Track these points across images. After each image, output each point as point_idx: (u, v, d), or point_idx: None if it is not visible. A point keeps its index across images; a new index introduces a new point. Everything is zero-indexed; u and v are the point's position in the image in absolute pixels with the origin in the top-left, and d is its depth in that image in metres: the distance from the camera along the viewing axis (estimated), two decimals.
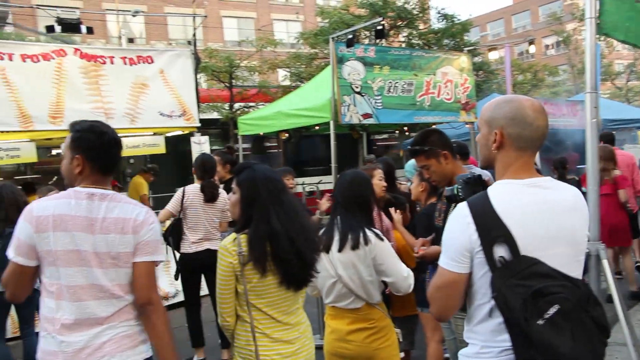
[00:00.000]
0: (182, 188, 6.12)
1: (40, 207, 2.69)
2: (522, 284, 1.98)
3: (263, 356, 2.88)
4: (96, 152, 2.80)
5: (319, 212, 5.88)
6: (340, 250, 3.55)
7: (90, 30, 8.11)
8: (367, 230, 3.56)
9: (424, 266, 4.29)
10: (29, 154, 7.69)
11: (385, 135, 20.17)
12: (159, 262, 2.84)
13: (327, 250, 3.58)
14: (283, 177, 3.69)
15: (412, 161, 11.01)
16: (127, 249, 2.71)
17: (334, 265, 3.56)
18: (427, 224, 4.27)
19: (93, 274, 2.65)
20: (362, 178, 3.83)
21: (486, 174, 3.10)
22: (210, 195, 5.94)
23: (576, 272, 2.15)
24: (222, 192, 6.11)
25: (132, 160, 10.84)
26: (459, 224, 2.12)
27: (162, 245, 2.96)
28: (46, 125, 7.68)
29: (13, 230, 2.71)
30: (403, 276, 3.58)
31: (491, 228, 2.05)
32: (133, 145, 8.67)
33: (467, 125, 12.04)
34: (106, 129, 2.89)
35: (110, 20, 26.22)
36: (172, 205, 5.93)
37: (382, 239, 3.58)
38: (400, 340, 3.87)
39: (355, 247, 3.50)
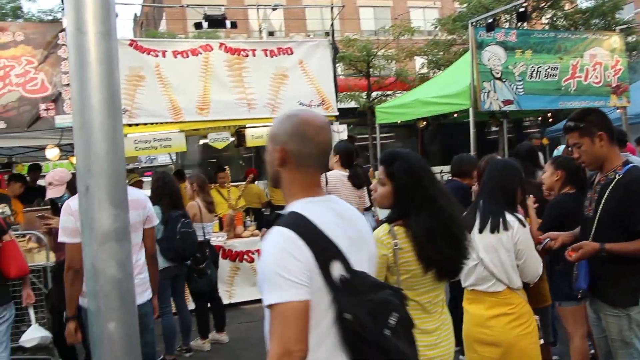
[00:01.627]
0: (324, 174, 6.19)
1: None
2: (367, 299, 1.89)
3: None
4: None
5: None
6: (480, 231, 3.51)
7: (234, 25, 8.41)
8: (508, 215, 3.49)
9: (558, 257, 4.04)
10: (179, 144, 8.10)
11: (526, 123, 19.29)
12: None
13: (469, 231, 3.47)
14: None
15: (561, 148, 10.44)
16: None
17: (476, 247, 3.45)
18: (555, 215, 4.17)
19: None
20: (513, 167, 3.76)
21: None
22: (360, 182, 5.99)
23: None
24: None
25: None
26: (289, 249, 1.83)
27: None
28: (194, 116, 8.06)
29: (178, 213, 3.28)
30: (536, 262, 3.53)
31: (324, 247, 1.88)
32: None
33: (618, 110, 11.13)
34: None
35: (252, 18, 27.05)
36: None
37: (524, 225, 3.51)
38: (540, 327, 3.71)
39: (494, 230, 3.45)
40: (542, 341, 3.92)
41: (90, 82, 1.42)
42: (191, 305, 6.44)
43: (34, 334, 4.76)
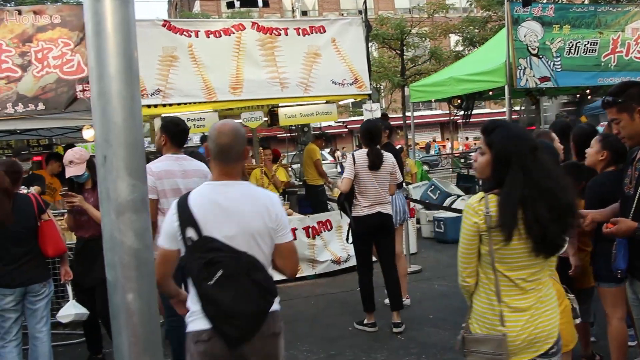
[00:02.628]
0: (351, 153, 6.11)
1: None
2: (201, 256, 2.72)
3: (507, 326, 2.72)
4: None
5: None
6: None
7: (265, 4, 8.33)
8: None
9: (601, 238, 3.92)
10: (213, 123, 8.06)
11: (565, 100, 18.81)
12: None
13: None
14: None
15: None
16: None
17: None
18: (593, 196, 4.02)
19: None
20: (550, 148, 3.68)
21: None
22: (373, 163, 5.84)
23: (246, 247, 2.78)
24: (388, 156, 6.00)
25: (306, 129, 11.09)
26: (169, 216, 2.86)
27: None
28: (227, 95, 8.05)
29: None
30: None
31: (183, 215, 2.79)
32: (307, 114, 8.81)
33: None
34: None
35: None
36: (348, 172, 5.91)
37: None
38: (575, 306, 3.63)
39: None
40: (578, 321, 3.82)
41: (107, 50, 1.39)
42: None
43: (70, 311, 4.83)
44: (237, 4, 8.14)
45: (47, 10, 7.73)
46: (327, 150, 25.03)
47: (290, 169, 12.26)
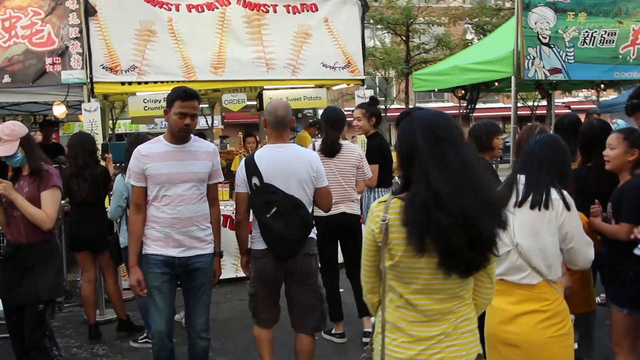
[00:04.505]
0: (311, 143, 5.50)
1: None
2: (262, 197, 3.85)
3: (388, 356, 2.22)
4: None
5: None
6: (519, 205, 2.96)
7: None
8: (554, 192, 2.93)
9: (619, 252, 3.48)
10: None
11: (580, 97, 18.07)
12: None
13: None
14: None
15: (621, 123, 9.44)
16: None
17: (510, 230, 2.84)
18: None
19: None
20: (559, 145, 3.14)
21: None
22: (328, 150, 5.15)
23: (295, 190, 3.88)
24: (352, 147, 5.34)
25: (300, 115, 10.51)
26: (240, 168, 4.03)
27: None
28: (208, 75, 7.50)
29: None
30: (586, 241, 2.99)
31: (250, 168, 3.92)
32: (294, 98, 8.19)
33: None
34: None
35: None
36: None
37: (569, 208, 2.93)
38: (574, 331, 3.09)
39: (534, 206, 2.91)
40: (576, 345, 3.27)
41: None
42: None
43: None
44: None
45: None
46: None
47: None
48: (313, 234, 4.06)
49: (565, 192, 2.96)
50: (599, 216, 3.72)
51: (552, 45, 8.71)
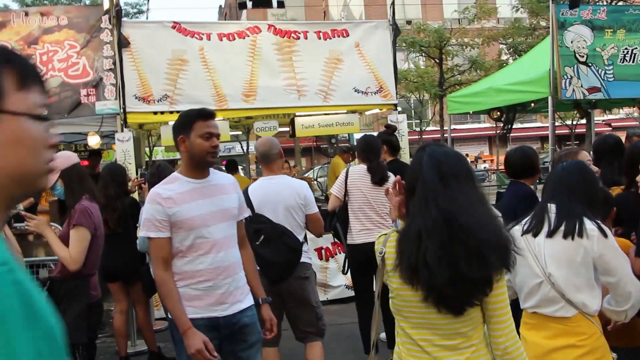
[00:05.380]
0: (345, 168, 5.40)
1: None
2: (253, 226, 4.04)
3: None
4: None
5: None
6: (550, 235, 2.84)
7: (281, 5, 7.73)
8: (587, 222, 2.78)
9: None
10: (223, 132, 7.48)
11: (621, 115, 17.59)
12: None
13: (535, 235, 2.88)
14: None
15: None
16: None
17: (541, 260, 2.80)
18: None
19: None
20: (587, 172, 3.06)
21: None
22: (379, 177, 5.09)
23: (285, 219, 4.21)
24: (390, 175, 5.20)
25: (333, 140, 10.44)
26: None
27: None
28: (240, 103, 7.48)
29: None
30: (630, 277, 2.80)
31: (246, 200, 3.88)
32: (326, 124, 8.13)
33: None
34: None
35: (333, 5, 26.48)
36: (336, 189, 5.23)
37: (605, 235, 2.76)
38: None
39: (567, 235, 2.77)
40: None
41: None
42: None
43: None
44: (249, 4, 7.57)
45: (54, 12, 7.39)
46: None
47: (315, 181, 11.62)
48: (306, 258, 4.37)
49: (599, 221, 2.83)
50: None
51: (590, 64, 8.53)
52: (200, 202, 3.10)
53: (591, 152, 4.90)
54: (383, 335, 5.45)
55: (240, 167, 12.38)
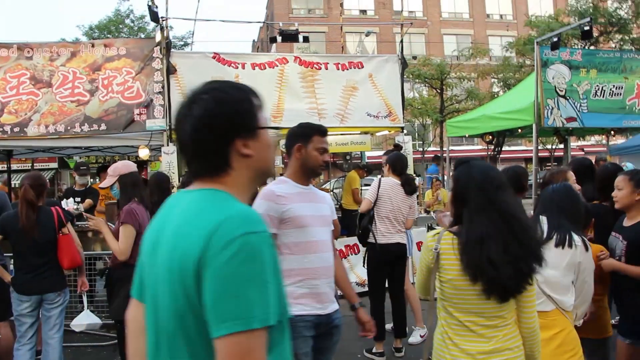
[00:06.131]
0: (378, 177, 5.42)
1: None
2: None
3: None
4: None
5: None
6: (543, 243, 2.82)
7: (306, 40, 7.74)
8: (574, 234, 2.88)
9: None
10: None
11: (592, 141, 17.40)
12: None
13: None
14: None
15: (629, 165, 9.06)
16: None
17: None
18: None
19: None
20: (573, 194, 3.12)
21: None
22: (411, 189, 5.22)
23: None
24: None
25: (347, 157, 10.42)
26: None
27: None
28: (269, 123, 7.45)
29: None
30: (592, 292, 2.97)
31: None
32: (342, 143, 8.13)
33: None
34: None
35: (350, 40, 26.57)
36: (370, 194, 5.24)
37: (587, 248, 2.91)
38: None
39: (559, 244, 2.84)
40: None
41: None
42: None
43: (83, 320, 4.31)
44: (279, 38, 7.59)
45: (115, 43, 7.47)
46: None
47: (331, 192, 11.58)
48: None
49: (582, 236, 2.92)
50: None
51: (568, 97, 8.55)
52: (306, 204, 2.89)
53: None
54: (389, 326, 5.41)
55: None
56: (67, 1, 79.31)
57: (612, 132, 11.16)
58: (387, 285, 5.36)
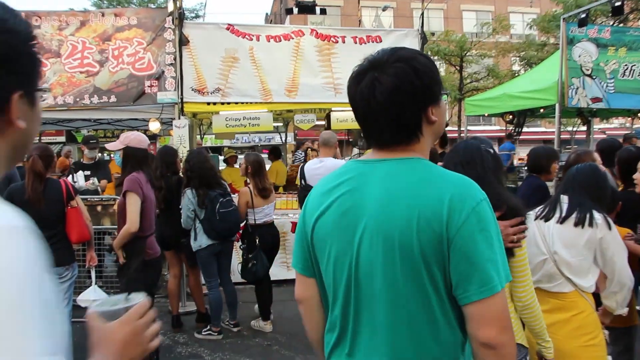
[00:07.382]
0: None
1: None
2: (304, 194, 3.89)
3: None
4: None
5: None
6: (562, 222, 2.81)
7: (323, 12, 7.55)
8: (595, 213, 2.78)
9: None
10: (267, 123, 7.43)
11: (615, 124, 17.06)
12: None
13: (547, 220, 2.87)
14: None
15: None
16: None
17: (549, 241, 2.80)
18: None
19: None
20: (598, 173, 3.00)
21: None
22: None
23: None
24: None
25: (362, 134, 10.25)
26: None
27: None
28: (283, 97, 7.34)
29: (216, 193, 4.72)
30: (627, 274, 2.77)
31: (300, 173, 5.44)
32: (353, 120, 7.97)
33: None
34: None
35: (366, 15, 26.19)
36: None
37: (610, 227, 2.77)
38: (608, 342, 2.88)
39: (579, 223, 2.76)
40: (610, 358, 2.91)
41: None
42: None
43: (90, 296, 4.25)
44: (295, 10, 7.40)
45: (126, 13, 7.34)
46: None
47: None
48: None
49: (605, 214, 2.82)
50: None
51: (594, 77, 8.29)
52: None
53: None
54: None
55: None
56: None
57: (639, 115, 10.88)
58: None
